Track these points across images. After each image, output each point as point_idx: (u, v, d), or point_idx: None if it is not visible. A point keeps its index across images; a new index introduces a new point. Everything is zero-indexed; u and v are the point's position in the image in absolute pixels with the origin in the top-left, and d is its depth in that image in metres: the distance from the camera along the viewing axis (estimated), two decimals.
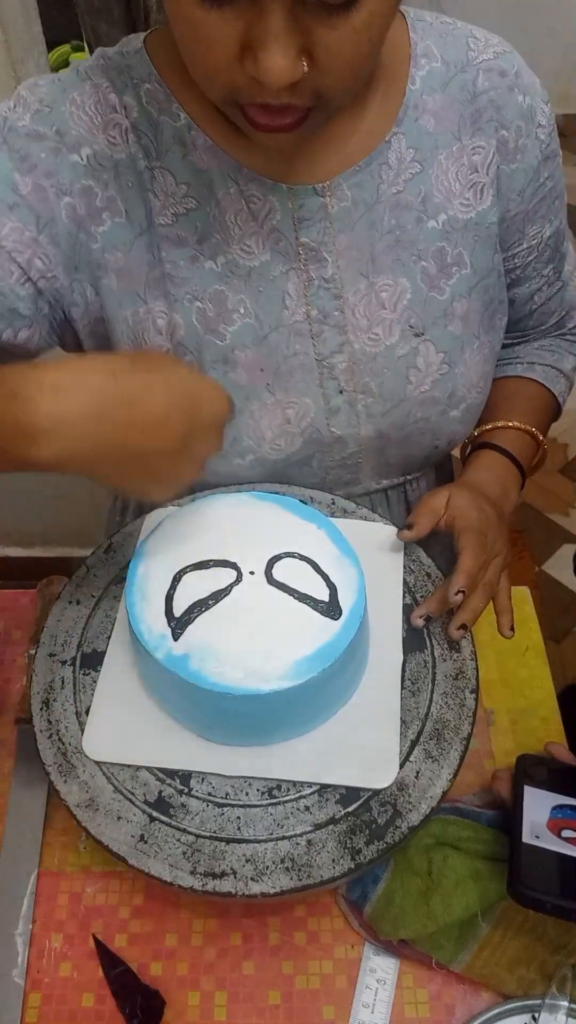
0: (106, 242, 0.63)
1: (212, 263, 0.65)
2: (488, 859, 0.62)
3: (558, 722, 0.77)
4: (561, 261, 0.79)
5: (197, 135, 0.62)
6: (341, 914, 0.65)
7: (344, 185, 0.64)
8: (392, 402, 0.71)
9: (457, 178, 0.66)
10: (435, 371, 0.71)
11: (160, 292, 0.65)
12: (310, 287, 0.66)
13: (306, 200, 0.64)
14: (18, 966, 0.63)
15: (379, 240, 0.66)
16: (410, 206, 0.66)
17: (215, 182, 0.63)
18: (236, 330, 0.66)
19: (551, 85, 2.60)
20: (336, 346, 0.69)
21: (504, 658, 0.81)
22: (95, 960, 0.64)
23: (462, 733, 0.60)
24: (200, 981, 0.63)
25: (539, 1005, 0.59)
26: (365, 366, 0.70)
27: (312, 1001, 0.62)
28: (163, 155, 0.62)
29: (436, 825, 0.63)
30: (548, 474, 2.12)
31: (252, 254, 0.65)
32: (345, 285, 0.67)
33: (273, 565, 0.60)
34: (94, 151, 0.61)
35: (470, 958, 0.61)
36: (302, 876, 0.54)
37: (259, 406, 0.69)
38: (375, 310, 0.68)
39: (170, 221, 0.63)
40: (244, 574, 0.59)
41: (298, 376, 0.69)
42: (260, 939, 0.65)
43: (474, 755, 0.74)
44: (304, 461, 0.74)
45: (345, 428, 0.72)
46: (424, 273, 0.68)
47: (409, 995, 0.62)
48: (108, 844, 0.55)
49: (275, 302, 0.66)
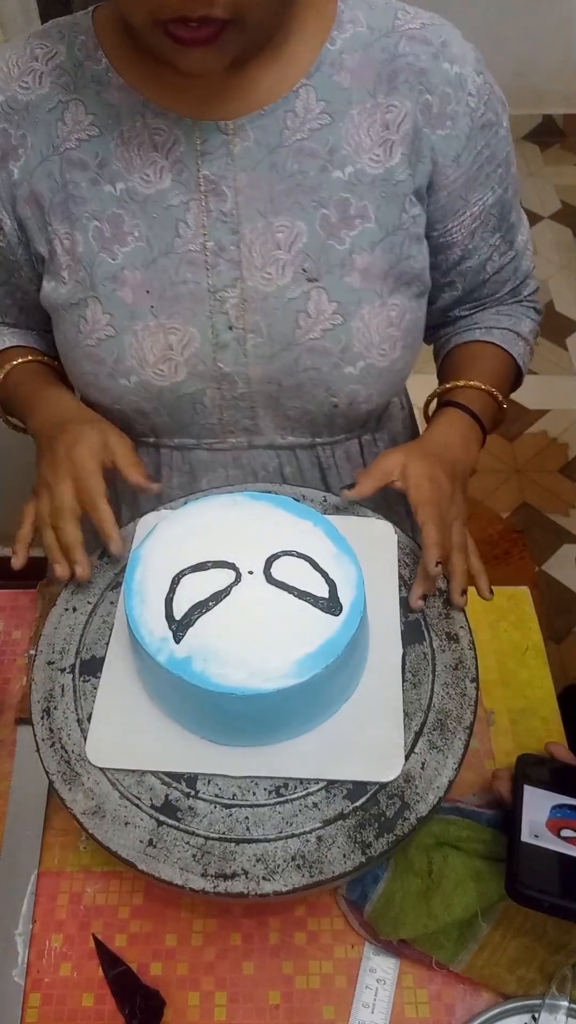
0: (21, 175, 0.72)
1: (111, 187, 0.71)
2: (488, 859, 0.62)
3: (558, 722, 0.77)
4: (511, 231, 0.81)
5: (113, 76, 0.69)
6: (341, 914, 0.65)
7: (248, 127, 0.68)
8: (280, 345, 0.74)
9: (368, 134, 0.70)
10: (326, 320, 0.72)
11: (64, 214, 0.72)
12: (209, 218, 0.70)
13: (210, 136, 0.69)
14: (18, 966, 0.63)
15: (279, 182, 0.70)
16: (315, 155, 0.69)
17: (122, 115, 0.69)
18: (128, 252, 0.72)
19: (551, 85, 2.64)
20: (230, 280, 0.72)
21: (504, 658, 0.81)
22: (95, 960, 0.64)
23: (465, 722, 0.60)
24: (200, 981, 0.63)
25: (539, 1005, 0.59)
26: (256, 304, 0.72)
27: (312, 1001, 0.62)
28: (79, 91, 0.70)
29: (436, 825, 0.63)
30: (548, 474, 2.12)
31: (151, 183, 0.70)
32: (243, 221, 0.71)
33: (272, 564, 0.60)
34: (6, 97, 0.70)
35: (470, 958, 0.61)
36: (313, 873, 0.54)
37: (142, 327, 0.73)
38: (270, 249, 0.71)
39: (74, 146, 0.70)
40: (243, 574, 0.59)
41: (186, 303, 0.73)
42: (260, 939, 0.65)
43: (474, 755, 0.74)
44: (195, 397, 0.77)
45: (233, 365, 0.75)
46: (324, 220, 0.71)
47: (409, 995, 0.62)
48: (117, 850, 0.55)
49: (168, 229, 0.71)
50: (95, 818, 0.56)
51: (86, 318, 0.73)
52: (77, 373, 0.77)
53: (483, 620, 0.84)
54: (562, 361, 2.43)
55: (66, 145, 0.70)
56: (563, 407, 2.29)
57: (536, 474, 2.12)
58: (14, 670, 0.81)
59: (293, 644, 0.56)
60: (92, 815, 0.56)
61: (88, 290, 0.73)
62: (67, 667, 0.64)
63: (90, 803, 0.57)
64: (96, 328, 0.73)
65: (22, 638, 0.84)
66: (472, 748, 0.64)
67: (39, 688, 0.63)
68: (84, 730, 0.60)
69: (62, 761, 0.59)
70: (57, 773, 0.58)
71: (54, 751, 0.60)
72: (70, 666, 0.64)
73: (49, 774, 0.59)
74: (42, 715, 0.61)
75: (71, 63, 0.70)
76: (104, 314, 0.73)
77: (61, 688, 0.63)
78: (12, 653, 0.83)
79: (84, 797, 0.57)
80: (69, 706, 0.62)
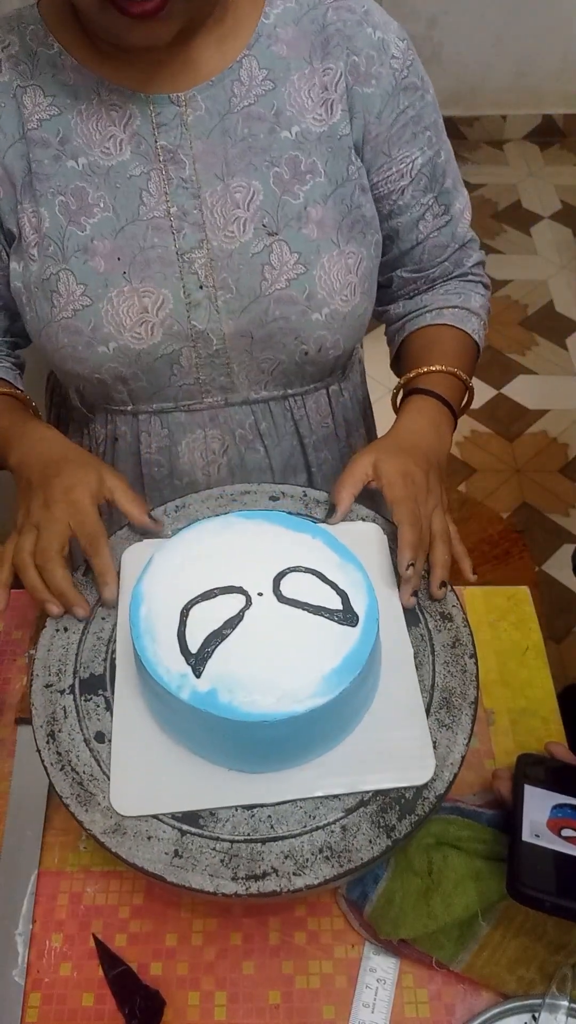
0: None
1: (74, 162, 0.74)
2: (488, 859, 0.62)
3: (558, 722, 0.77)
4: (445, 195, 0.85)
5: (66, 58, 0.73)
6: (341, 914, 0.65)
7: (199, 97, 0.73)
8: (249, 298, 0.78)
9: (310, 96, 0.76)
10: (289, 270, 0.77)
11: (30, 192, 0.75)
12: (170, 186, 0.75)
13: (163, 108, 0.73)
14: (18, 966, 0.63)
15: (232, 146, 0.75)
16: (263, 118, 0.75)
17: (79, 94, 0.73)
18: (96, 222, 0.75)
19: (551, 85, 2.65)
20: (196, 242, 0.76)
21: (504, 658, 0.81)
22: (95, 960, 0.64)
23: (469, 697, 0.61)
24: (200, 981, 0.63)
25: (539, 1005, 0.59)
26: (222, 262, 0.77)
27: (312, 1001, 0.62)
28: (36, 76, 0.74)
29: (436, 825, 0.63)
30: (548, 474, 2.12)
31: (111, 155, 0.74)
32: (202, 185, 0.75)
33: (280, 582, 0.59)
34: None
35: (470, 958, 0.61)
36: (343, 862, 0.54)
37: (116, 292, 0.76)
38: (230, 209, 0.76)
39: (35, 126, 0.74)
40: (253, 596, 0.59)
41: (156, 267, 0.76)
42: (260, 939, 0.65)
43: (474, 755, 0.74)
44: (172, 357, 0.79)
45: (206, 323, 0.78)
46: (277, 178, 0.76)
47: (409, 995, 0.62)
48: (143, 866, 0.54)
49: (132, 198, 0.75)
50: (116, 836, 0.55)
51: (59, 291, 0.76)
52: (53, 348, 0.79)
53: (483, 620, 0.84)
54: (562, 361, 2.43)
55: (28, 126, 0.74)
56: (563, 407, 2.29)
57: (536, 474, 2.12)
58: (14, 670, 0.81)
59: (316, 661, 0.55)
60: (113, 834, 0.56)
61: (60, 263, 0.75)
62: (66, 688, 0.63)
63: (109, 822, 0.56)
64: (71, 300, 0.76)
65: (22, 638, 0.84)
66: (472, 748, 0.64)
67: (40, 713, 0.62)
68: (93, 750, 0.60)
69: (74, 783, 0.58)
70: (71, 796, 0.57)
71: (64, 774, 0.58)
72: (69, 687, 0.63)
73: (63, 799, 0.57)
74: (47, 740, 0.60)
75: (25, 52, 0.74)
76: (78, 285, 0.75)
77: (63, 710, 0.62)
78: (12, 653, 0.82)
79: (102, 817, 0.56)
80: (74, 727, 0.61)
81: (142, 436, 0.86)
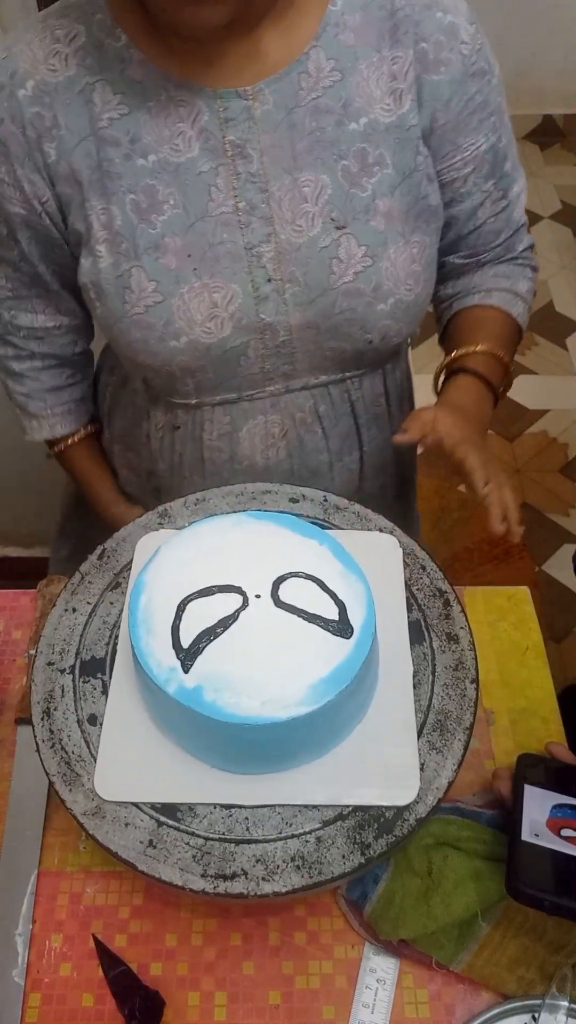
0: (57, 155, 0.74)
1: (144, 160, 0.74)
2: (488, 859, 0.62)
3: (558, 722, 0.77)
4: (504, 180, 0.84)
5: (134, 52, 0.72)
6: (341, 914, 0.65)
7: (266, 90, 0.72)
8: (317, 291, 0.77)
9: (378, 85, 0.74)
10: (357, 263, 0.77)
11: (100, 190, 0.74)
12: (238, 181, 0.74)
13: (231, 102, 0.72)
14: (18, 966, 0.63)
15: (300, 140, 0.74)
16: (331, 110, 0.74)
17: (147, 91, 0.72)
18: (166, 219, 0.75)
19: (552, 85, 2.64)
20: (263, 236, 0.76)
21: (504, 658, 0.81)
22: (95, 960, 0.64)
23: (464, 723, 0.60)
24: (200, 981, 0.63)
25: (539, 1005, 0.59)
26: (290, 256, 0.76)
27: (312, 1001, 0.62)
28: (104, 70, 0.72)
29: (436, 825, 0.63)
30: (548, 474, 2.12)
31: (180, 151, 0.73)
32: (270, 180, 0.74)
33: (279, 586, 0.59)
34: (36, 81, 0.72)
35: (470, 958, 0.61)
36: (313, 873, 0.54)
37: (187, 289, 0.76)
38: (298, 203, 0.75)
39: (106, 124, 0.73)
40: (250, 598, 0.58)
41: (225, 263, 0.76)
42: (260, 939, 0.65)
43: (474, 755, 0.74)
44: (240, 350, 0.80)
45: (274, 315, 0.78)
46: (345, 171, 0.75)
47: (409, 995, 0.62)
48: (117, 851, 0.55)
49: (201, 194, 0.74)
50: (95, 819, 0.56)
51: (131, 288, 0.76)
52: (125, 342, 0.80)
53: (483, 620, 0.84)
54: (562, 361, 2.43)
55: (99, 124, 0.73)
56: (563, 407, 2.29)
57: (536, 474, 2.12)
58: (14, 670, 0.81)
59: (305, 669, 0.55)
60: (92, 816, 0.56)
61: (132, 260, 0.75)
62: (67, 668, 0.64)
63: (90, 804, 0.57)
64: (143, 296, 0.76)
65: (22, 638, 0.84)
66: (472, 748, 0.64)
67: (39, 689, 0.63)
68: (84, 731, 0.60)
69: (62, 762, 0.59)
70: (57, 774, 0.58)
71: (54, 752, 0.59)
72: (70, 667, 0.64)
73: (49, 775, 0.58)
74: (42, 716, 0.61)
75: (92, 43, 0.72)
76: (150, 281, 0.75)
77: (61, 689, 0.63)
78: (12, 653, 0.83)
79: (84, 798, 0.57)
80: (69, 707, 0.62)
81: (205, 424, 0.87)
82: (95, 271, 0.77)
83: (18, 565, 1.83)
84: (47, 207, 0.76)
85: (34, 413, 0.95)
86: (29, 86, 0.72)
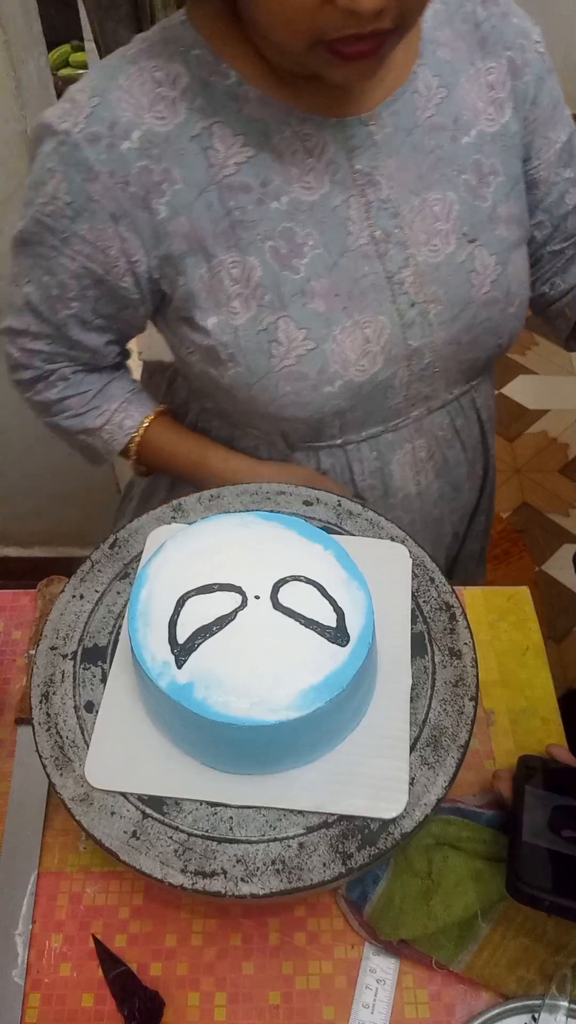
0: (170, 211, 0.69)
1: (277, 203, 0.70)
2: (488, 859, 0.62)
3: (558, 723, 0.77)
4: None
5: (248, 89, 0.68)
6: (341, 914, 0.65)
7: (384, 113, 0.71)
8: (459, 306, 0.78)
9: (479, 97, 0.75)
10: (491, 273, 0.78)
11: (231, 242, 0.70)
12: (370, 210, 0.73)
13: (355, 130, 0.70)
14: (18, 966, 0.63)
15: (423, 160, 0.74)
16: (444, 127, 0.74)
17: (270, 128, 0.69)
18: (308, 262, 0.72)
19: None
20: (402, 261, 0.75)
21: (504, 658, 0.81)
22: (95, 960, 0.64)
23: (459, 740, 0.59)
24: (200, 981, 0.63)
25: (539, 1005, 0.59)
26: (430, 276, 0.76)
27: (312, 1001, 0.62)
28: (218, 112, 0.68)
29: (436, 825, 0.63)
30: (548, 474, 2.12)
31: (312, 188, 0.71)
32: (400, 204, 0.74)
33: (279, 589, 0.59)
34: (142, 132, 0.67)
35: (470, 958, 0.61)
36: (292, 878, 0.53)
37: (340, 330, 0.74)
38: (430, 223, 0.75)
39: (232, 171, 0.69)
40: (249, 598, 0.58)
41: (370, 296, 0.74)
42: (260, 939, 0.65)
43: (474, 755, 0.74)
44: (388, 382, 0.78)
45: (420, 339, 0.77)
46: (466, 184, 0.76)
47: (409, 995, 0.62)
48: (101, 839, 0.55)
49: (339, 230, 0.72)
50: (83, 805, 0.57)
51: (278, 340, 0.72)
52: (269, 399, 0.75)
53: (483, 620, 0.84)
54: (562, 361, 2.43)
55: (224, 172, 0.69)
56: (563, 407, 2.29)
57: (536, 474, 2.12)
58: (14, 670, 0.81)
59: (298, 674, 0.54)
60: (80, 802, 0.57)
61: (278, 311, 0.72)
62: (69, 653, 0.64)
63: (79, 790, 0.57)
64: (293, 346, 0.73)
65: (22, 638, 0.84)
66: (472, 748, 0.64)
67: (40, 672, 0.63)
68: (80, 718, 0.61)
69: (56, 746, 0.59)
70: (50, 758, 0.59)
71: (49, 735, 0.60)
72: (72, 653, 0.64)
73: (42, 757, 0.59)
74: (41, 699, 0.62)
75: (197, 84, 0.67)
76: (299, 330, 0.72)
77: (61, 674, 0.63)
78: (12, 653, 0.83)
79: (74, 784, 0.57)
80: (68, 692, 0.62)
81: (353, 465, 0.85)
82: (228, 330, 0.73)
83: (18, 565, 1.83)
84: (135, 267, 0.72)
85: (98, 426, 0.86)
86: (135, 137, 0.67)
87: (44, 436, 0.97)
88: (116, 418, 0.86)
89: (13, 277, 0.78)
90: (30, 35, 1.17)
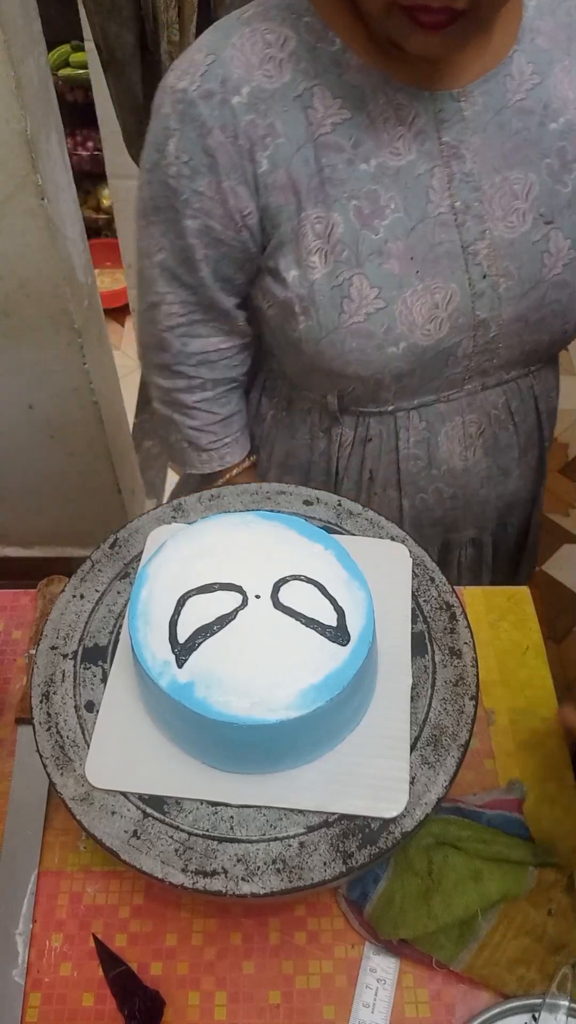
0: (270, 164, 0.73)
1: (366, 165, 0.74)
2: (488, 859, 0.62)
3: (558, 722, 0.77)
4: None
5: (350, 57, 0.72)
6: (341, 914, 0.65)
7: (475, 92, 0.74)
8: (530, 284, 0.80)
9: (571, 87, 0.78)
10: (565, 255, 0.80)
11: (319, 198, 0.74)
12: (453, 181, 0.76)
13: (445, 104, 0.74)
14: (18, 966, 0.63)
15: (508, 140, 0.76)
16: (533, 111, 0.77)
17: (367, 95, 0.73)
18: (388, 224, 0.75)
19: None
20: (478, 233, 0.77)
21: (504, 658, 0.81)
22: (95, 960, 0.64)
23: (460, 740, 0.59)
24: (200, 981, 0.63)
25: (539, 1005, 0.59)
26: (504, 251, 0.78)
27: (312, 1001, 0.62)
28: (320, 75, 0.72)
29: (436, 825, 0.64)
30: (548, 474, 2.12)
31: (400, 155, 0.74)
32: (482, 179, 0.76)
33: (280, 588, 0.59)
34: (251, 88, 0.71)
35: (470, 958, 0.61)
36: (292, 878, 0.53)
37: (410, 292, 0.76)
38: (509, 201, 0.77)
39: (329, 130, 0.73)
40: (250, 598, 0.58)
41: (444, 263, 0.77)
42: (260, 939, 0.65)
43: (474, 755, 0.74)
44: (450, 350, 0.81)
45: (488, 311, 0.80)
46: (549, 168, 0.78)
47: (409, 995, 0.62)
48: (101, 838, 0.55)
49: (420, 196, 0.75)
50: (83, 805, 0.57)
51: (351, 296, 0.76)
52: (336, 353, 0.79)
53: (483, 620, 0.84)
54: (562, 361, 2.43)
55: (320, 131, 0.73)
56: (563, 407, 2.29)
57: None
58: (14, 670, 0.81)
59: (298, 674, 0.54)
60: (80, 801, 0.57)
61: (354, 268, 0.75)
62: (69, 653, 0.64)
63: (80, 790, 0.57)
64: (364, 304, 0.76)
65: (22, 638, 0.84)
66: (472, 748, 0.64)
67: (40, 672, 0.63)
68: (81, 717, 0.61)
69: (56, 746, 0.59)
70: (51, 757, 0.59)
71: (49, 735, 0.60)
72: (72, 652, 0.64)
73: (43, 757, 0.59)
74: (41, 699, 0.62)
75: (304, 48, 0.72)
76: (372, 288, 0.75)
77: (62, 673, 0.63)
78: (12, 653, 0.83)
79: (75, 783, 0.57)
80: (68, 692, 0.62)
81: (400, 433, 0.87)
82: (305, 283, 0.76)
83: (18, 565, 1.83)
84: (247, 220, 0.76)
85: (205, 447, 0.94)
86: (244, 92, 0.71)
87: (45, 437, 0.97)
88: (223, 450, 0.95)
89: (144, 252, 0.82)
90: (30, 35, 1.17)
